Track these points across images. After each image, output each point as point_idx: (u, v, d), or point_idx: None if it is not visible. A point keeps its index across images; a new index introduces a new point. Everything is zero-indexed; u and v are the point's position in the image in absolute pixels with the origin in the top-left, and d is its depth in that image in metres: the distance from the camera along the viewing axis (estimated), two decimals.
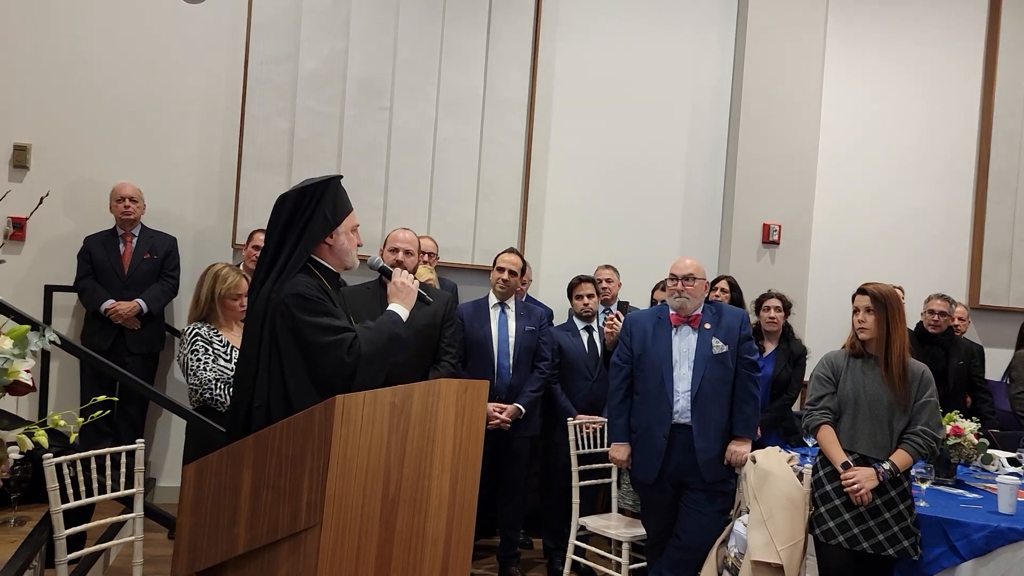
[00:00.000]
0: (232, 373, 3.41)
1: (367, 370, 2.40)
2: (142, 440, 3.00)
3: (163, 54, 5.21)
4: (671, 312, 3.71)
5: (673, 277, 3.66)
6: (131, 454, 2.96)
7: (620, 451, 3.77)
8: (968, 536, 3.02)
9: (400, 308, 2.61)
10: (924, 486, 3.35)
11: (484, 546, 4.69)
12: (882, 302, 3.21)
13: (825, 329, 5.87)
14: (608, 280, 5.13)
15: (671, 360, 3.64)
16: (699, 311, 3.69)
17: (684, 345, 3.66)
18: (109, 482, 2.90)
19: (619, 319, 4.50)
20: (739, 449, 3.57)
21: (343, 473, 2.01)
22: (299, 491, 2.02)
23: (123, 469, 2.92)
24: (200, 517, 2.17)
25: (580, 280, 4.74)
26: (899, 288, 5.60)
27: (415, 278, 2.74)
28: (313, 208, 2.43)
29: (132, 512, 2.98)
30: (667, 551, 3.64)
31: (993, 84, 6.31)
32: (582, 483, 4.14)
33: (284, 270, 2.40)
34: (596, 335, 4.67)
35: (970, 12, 6.37)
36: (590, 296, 4.67)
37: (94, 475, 2.81)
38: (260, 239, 4.57)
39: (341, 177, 2.56)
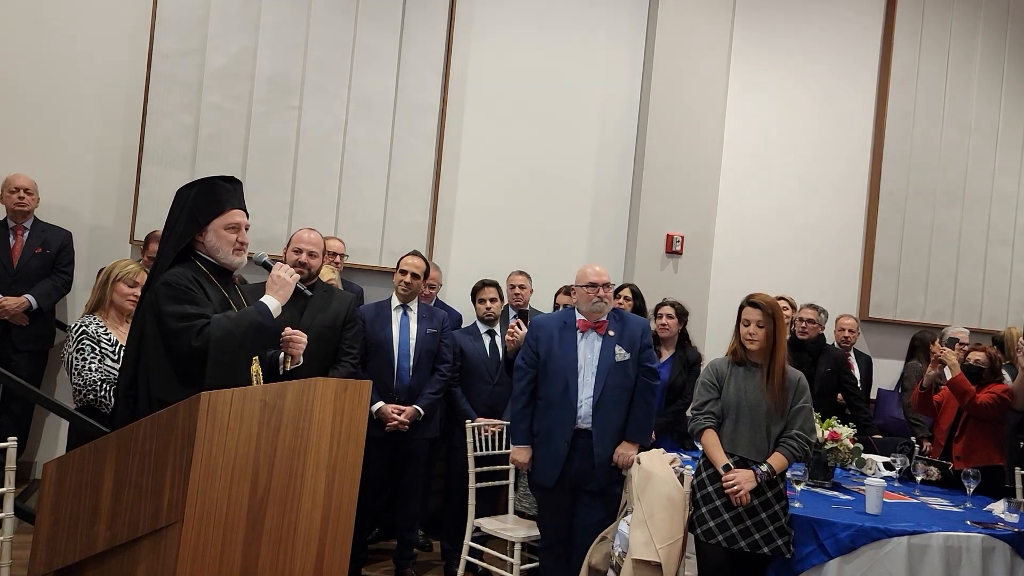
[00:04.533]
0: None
1: (220, 356, 2.41)
2: (15, 438, 2.89)
3: (62, 42, 5.05)
4: (579, 317, 3.77)
5: (593, 284, 3.69)
6: (2, 451, 2.86)
7: (522, 454, 3.81)
8: (835, 535, 3.15)
9: (271, 300, 2.67)
10: (799, 487, 3.50)
11: (383, 549, 4.68)
12: (771, 315, 3.34)
13: (725, 337, 6.03)
14: (521, 286, 5.17)
15: (576, 366, 3.70)
16: (605, 317, 3.77)
17: (589, 351, 3.72)
18: None
19: (520, 327, 4.55)
20: (626, 452, 3.67)
21: (207, 470, 2.00)
22: (161, 489, 2.00)
23: None
24: (60, 515, 2.12)
25: (484, 284, 4.80)
26: (787, 298, 5.85)
27: (298, 274, 2.85)
28: (177, 212, 2.57)
29: (2, 512, 2.87)
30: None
31: (885, 109, 6.63)
32: (480, 485, 4.18)
33: (155, 271, 2.54)
34: (498, 339, 4.72)
35: (865, 40, 6.68)
36: (493, 300, 4.73)
37: None
38: (154, 249, 4.50)
39: (224, 177, 2.64)
